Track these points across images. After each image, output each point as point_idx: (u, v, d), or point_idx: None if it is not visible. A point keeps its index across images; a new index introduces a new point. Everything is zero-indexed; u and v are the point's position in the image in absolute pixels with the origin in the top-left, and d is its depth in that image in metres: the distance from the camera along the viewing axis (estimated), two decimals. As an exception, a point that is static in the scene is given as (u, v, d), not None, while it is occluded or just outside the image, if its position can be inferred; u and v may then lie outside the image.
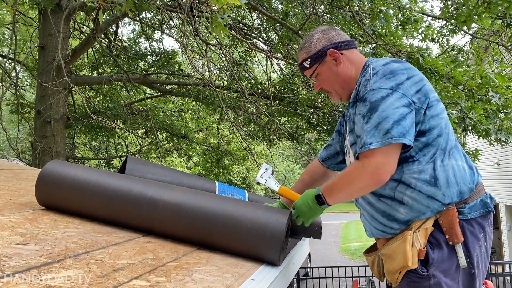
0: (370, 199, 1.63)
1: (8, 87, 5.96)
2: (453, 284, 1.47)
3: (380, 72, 1.50)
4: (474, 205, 1.51)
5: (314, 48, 1.68)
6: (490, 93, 4.19)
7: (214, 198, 1.55)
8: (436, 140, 1.49)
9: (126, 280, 1.01)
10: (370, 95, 1.45)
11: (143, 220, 1.52)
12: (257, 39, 8.20)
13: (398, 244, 1.51)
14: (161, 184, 1.61)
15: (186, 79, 8.39)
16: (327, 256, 15.42)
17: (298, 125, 8.18)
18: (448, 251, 1.47)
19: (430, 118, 1.48)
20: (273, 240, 1.41)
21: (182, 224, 1.48)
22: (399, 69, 1.49)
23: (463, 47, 8.44)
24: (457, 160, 1.53)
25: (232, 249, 1.47)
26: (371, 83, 1.48)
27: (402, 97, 1.42)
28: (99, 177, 1.57)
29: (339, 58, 1.65)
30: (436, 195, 1.48)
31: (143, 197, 1.51)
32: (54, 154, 5.72)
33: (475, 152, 5.87)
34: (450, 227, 1.46)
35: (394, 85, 1.44)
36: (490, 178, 12.14)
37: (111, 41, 8.36)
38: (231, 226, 1.44)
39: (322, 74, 1.69)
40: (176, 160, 14.91)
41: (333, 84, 1.69)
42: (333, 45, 1.66)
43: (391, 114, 1.39)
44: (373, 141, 1.39)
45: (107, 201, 1.53)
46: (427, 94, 1.48)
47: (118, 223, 1.57)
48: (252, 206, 1.53)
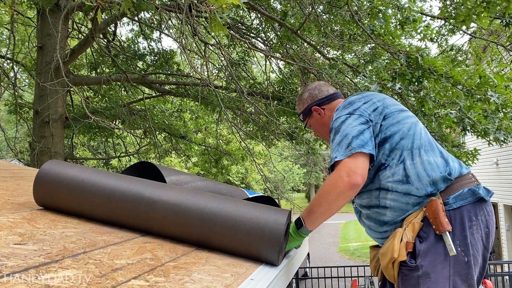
0: (365, 212, 1.80)
1: (6, 87, 5.95)
2: (444, 272, 1.52)
3: (341, 106, 1.80)
4: (459, 195, 1.59)
5: (302, 106, 2.08)
6: (489, 92, 4.18)
7: (212, 198, 1.54)
8: (399, 143, 1.67)
9: (125, 280, 1.01)
10: (333, 124, 1.74)
11: (141, 220, 1.51)
12: (256, 39, 8.19)
13: (390, 242, 1.62)
14: (159, 184, 1.60)
15: (184, 79, 8.38)
16: (326, 256, 15.43)
17: (297, 125, 8.18)
18: (435, 241, 1.54)
19: (389, 126, 1.69)
20: (272, 240, 1.41)
21: (180, 224, 1.48)
22: (356, 99, 1.77)
23: (462, 46, 8.44)
24: (428, 157, 1.66)
25: (231, 249, 1.47)
26: (334, 117, 1.77)
27: (359, 117, 1.68)
28: (97, 177, 1.56)
29: (321, 112, 2.01)
30: (410, 191, 1.62)
31: (141, 197, 1.50)
32: (52, 154, 5.71)
33: (474, 152, 5.87)
34: (434, 217, 1.55)
35: (352, 110, 1.72)
36: (488, 178, 12.15)
37: (110, 41, 8.34)
38: (230, 226, 1.44)
39: (313, 125, 2.08)
40: (175, 160, 14.90)
41: (321, 132, 2.07)
42: (315, 103, 2.02)
43: (350, 131, 1.63)
44: (337, 155, 1.61)
45: (105, 201, 1.52)
46: (383, 110, 1.72)
47: (116, 223, 1.56)
48: (251, 206, 1.53)
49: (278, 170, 12.56)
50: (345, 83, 5.33)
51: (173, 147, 10.24)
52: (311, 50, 7.19)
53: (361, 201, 1.79)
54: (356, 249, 16.24)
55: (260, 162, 11.98)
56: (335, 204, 1.58)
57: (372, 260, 1.91)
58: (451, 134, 6.19)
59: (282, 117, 8.08)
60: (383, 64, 4.67)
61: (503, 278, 7.21)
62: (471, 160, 5.92)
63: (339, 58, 6.44)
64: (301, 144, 8.25)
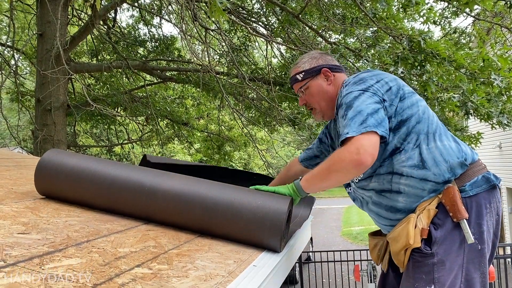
0: (373, 198, 1.72)
1: (7, 75, 5.93)
2: (458, 260, 1.51)
3: (351, 82, 1.66)
4: (475, 182, 1.56)
5: (310, 64, 1.85)
6: (493, 75, 4.15)
7: (214, 186, 1.53)
8: (416, 127, 1.60)
9: (128, 268, 1.02)
10: (345, 99, 1.60)
11: (142, 209, 1.51)
12: (257, 24, 8.11)
13: (403, 227, 1.58)
14: (160, 172, 1.59)
15: (185, 65, 8.34)
16: (329, 240, 15.53)
17: (299, 111, 8.15)
18: (451, 228, 1.52)
19: (406, 109, 1.60)
20: (273, 228, 1.41)
21: (181, 213, 1.48)
22: (368, 77, 1.65)
23: (465, 29, 8.34)
24: (443, 141, 1.61)
25: (233, 237, 1.47)
26: (344, 91, 1.64)
27: (373, 95, 1.57)
28: (97, 166, 1.56)
29: (330, 77, 1.82)
30: (427, 176, 1.56)
31: (143, 186, 1.50)
32: (55, 142, 5.72)
33: (477, 136, 5.86)
34: (452, 204, 1.51)
35: (365, 87, 1.60)
36: (492, 161, 12.13)
37: (110, 27, 8.28)
38: (231, 215, 1.44)
39: (312, 88, 1.83)
40: (177, 147, 14.92)
41: (319, 100, 1.83)
42: (328, 66, 1.83)
43: (365, 108, 1.51)
44: (349, 130, 1.47)
45: (106, 190, 1.52)
46: (397, 91, 1.62)
47: (117, 212, 1.57)
48: (253, 193, 1.52)
49: (280, 155, 12.55)
50: (347, 67, 5.29)
51: (175, 134, 10.24)
52: (313, 35, 7.12)
53: (369, 185, 1.71)
54: (359, 233, 16.33)
55: (262, 148, 11.98)
56: (336, 178, 1.48)
57: (373, 249, 1.88)
58: (454, 118, 6.17)
59: (284, 102, 8.05)
60: (385, 48, 4.62)
61: (505, 260, 7.25)
62: (474, 144, 5.90)
63: (341, 42, 6.37)
64: (303, 129, 8.22)
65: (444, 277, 1.50)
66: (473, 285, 1.52)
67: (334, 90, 1.81)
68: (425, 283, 1.51)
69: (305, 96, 1.85)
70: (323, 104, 1.83)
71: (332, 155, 1.51)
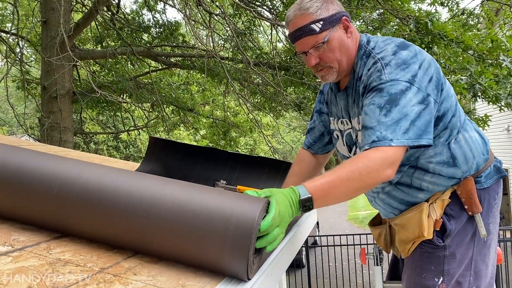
0: (386, 188, 1.57)
1: (13, 63, 5.94)
2: (468, 253, 1.49)
3: (393, 63, 1.34)
4: (489, 173, 1.51)
5: (327, 10, 1.39)
6: (501, 57, 4.09)
7: (155, 181, 1.02)
8: (451, 121, 1.44)
9: (135, 252, 1.02)
10: (389, 86, 1.30)
11: (52, 219, 1.03)
12: (262, 8, 8.03)
13: (413, 215, 1.50)
14: (79, 163, 1.07)
15: (190, 51, 8.29)
16: (336, 225, 15.59)
17: (305, 95, 8.09)
18: (465, 221, 1.47)
19: (443, 102, 1.41)
20: (238, 245, 0.89)
21: (102, 220, 0.98)
22: (409, 58, 1.35)
23: (474, 10, 8.20)
24: (468, 132, 1.50)
25: (178, 256, 0.96)
26: (387, 74, 1.33)
27: (418, 92, 1.31)
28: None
29: (350, 28, 1.45)
30: (456, 175, 1.47)
31: (53, 181, 1.00)
32: (62, 130, 5.75)
33: (485, 118, 5.80)
34: (469, 197, 1.45)
35: (410, 77, 1.31)
36: (499, 144, 12.05)
37: (114, 13, 8.23)
38: (176, 223, 0.92)
39: (332, 42, 1.41)
40: (183, 133, 14.95)
41: (340, 56, 1.44)
42: (345, 13, 1.45)
43: (410, 111, 1.27)
44: (393, 137, 1.24)
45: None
46: (438, 81, 1.38)
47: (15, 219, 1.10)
48: (212, 192, 1.00)
49: (286, 141, 12.53)
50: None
51: (181, 120, 10.25)
52: (318, 18, 7.02)
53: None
54: (365, 217, 16.37)
55: (268, 133, 11.98)
56: (357, 192, 1.25)
57: (378, 238, 1.78)
58: (462, 100, 6.10)
59: (290, 87, 8.00)
60: (392, 30, 4.57)
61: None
62: (482, 127, 5.85)
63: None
64: (309, 114, 8.19)
65: (454, 269, 1.47)
66: (480, 277, 1.51)
67: (353, 45, 1.47)
68: (434, 274, 1.48)
69: (323, 52, 1.42)
70: (344, 61, 1.46)
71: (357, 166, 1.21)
